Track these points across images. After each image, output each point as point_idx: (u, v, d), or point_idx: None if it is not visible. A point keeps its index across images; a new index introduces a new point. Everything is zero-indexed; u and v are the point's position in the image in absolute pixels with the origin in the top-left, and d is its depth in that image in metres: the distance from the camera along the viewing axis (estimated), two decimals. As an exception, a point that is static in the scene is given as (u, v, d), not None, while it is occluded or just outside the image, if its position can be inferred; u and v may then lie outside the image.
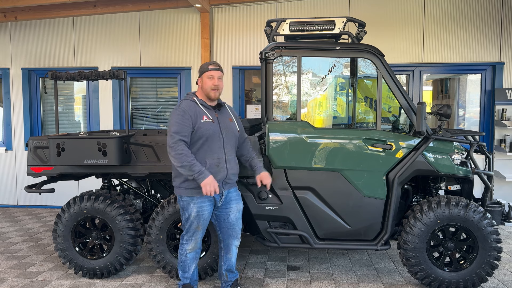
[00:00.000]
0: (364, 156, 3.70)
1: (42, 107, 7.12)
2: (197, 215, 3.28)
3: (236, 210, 3.43)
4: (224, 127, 3.34)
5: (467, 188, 3.97)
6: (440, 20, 6.27)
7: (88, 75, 3.89)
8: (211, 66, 3.30)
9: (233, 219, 3.42)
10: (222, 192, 3.34)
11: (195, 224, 3.31)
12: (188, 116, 3.19)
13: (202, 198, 3.25)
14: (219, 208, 3.40)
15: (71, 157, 3.75)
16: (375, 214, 3.77)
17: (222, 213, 3.41)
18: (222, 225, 3.45)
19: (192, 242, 3.38)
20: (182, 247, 3.41)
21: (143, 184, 4.59)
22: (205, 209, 3.29)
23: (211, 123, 3.26)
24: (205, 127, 3.22)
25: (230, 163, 3.33)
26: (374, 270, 4.27)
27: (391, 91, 3.72)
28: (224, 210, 3.40)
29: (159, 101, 6.97)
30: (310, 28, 3.71)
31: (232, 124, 3.43)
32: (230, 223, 3.42)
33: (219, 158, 3.27)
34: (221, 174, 3.27)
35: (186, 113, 3.19)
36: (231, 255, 3.52)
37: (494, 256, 3.58)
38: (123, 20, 6.78)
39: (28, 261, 4.55)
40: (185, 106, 3.25)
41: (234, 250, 3.52)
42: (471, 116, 6.58)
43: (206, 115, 3.26)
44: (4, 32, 6.99)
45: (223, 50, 6.63)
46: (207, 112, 3.29)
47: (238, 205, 3.45)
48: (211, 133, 3.23)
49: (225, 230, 3.46)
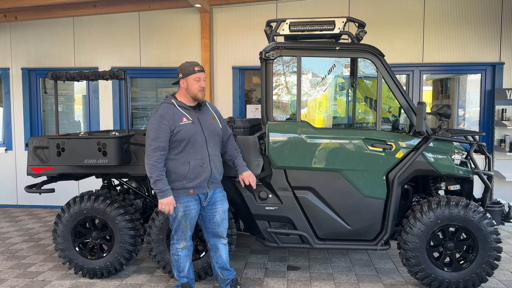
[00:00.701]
0: (364, 156, 3.70)
1: (42, 107, 7.12)
2: (184, 215, 3.29)
3: (222, 211, 3.45)
4: (205, 126, 3.33)
5: (467, 188, 3.97)
6: (440, 20, 6.27)
7: (88, 75, 3.89)
8: (196, 68, 3.27)
9: (219, 220, 3.44)
10: (208, 192, 3.35)
11: (183, 223, 3.33)
12: (165, 122, 3.18)
13: (188, 197, 3.27)
14: (204, 209, 3.41)
15: (71, 157, 3.74)
16: (375, 214, 3.77)
17: (208, 214, 3.42)
18: (207, 225, 3.46)
19: (183, 241, 3.40)
20: (174, 247, 3.43)
21: (143, 184, 4.59)
22: (191, 208, 3.30)
23: (191, 124, 3.25)
24: (185, 129, 3.21)
25: (214, 162, 3.33)
26: (374, 270, 4.27)
27: (391, 91, 3.72)
28: (210, 211, 3.41)
29: (159, 101, 6.96)
30: (310, 28, 3.71)
31: (214, 122, 3.42)
32: (216, 223, 3.44)
33: (203, 158, 3.27)
34: (206, 174, 3.28)
35: (163, 118, 3.19)
36: (221, 253, 3.51)
37: (494, 256, 3.58)
38: (123, 20, 6.78)
39: (28, 261, 4.55)
40: (162, 111, 3.23)
41: (222, 248, 3.52)
42: (471, 116, 6.58)
43: (185, 117, 3.25)
44: (4, 32, 6.99)
45: (223, 50, 6.63)
46: (186, 113, 3.28)
47: (223, 206, 3.46)
48: (192, 134, 3.23)
49: (210, 230, 3.47)
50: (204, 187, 3.31)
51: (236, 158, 3.56)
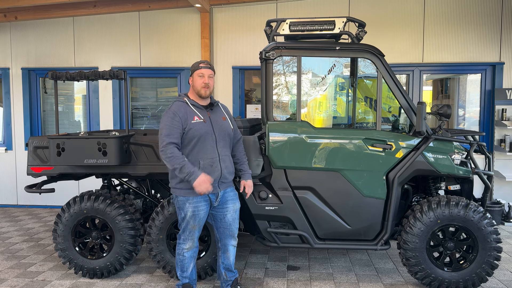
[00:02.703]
0: (364, 156, 3.70)
1: (42, 107, 7.12)
2: (192, 215, 3.29)
3: (233, 210, 3.43)
4: (217, 126, 3.34)
5: (467, 188, 3.98)
6: (440, 20, 6.27)
7: (88, 75, 3.89)
8: (201, 65, 3.31)
9: (230, 219, 3.43)
10: (218, 192, 3.34)
11: (191, 223, 3.32)
12: (178, 118, 3.20)
13: (198, 198, 3.27)
14: (215, 208, 3.40)
15: (71, 157, 3.75)
16: (375, 214, 3.77)
17: (219, 213, 3.42)
18: (218, 225, 3.46)
19: (189, 241, 3.39)
20: (179, 247, 3.42)
21: (143, 184, 4.60)
22: (200, 209, 3.30)
23: (203, 123, 3.26)
24: (196, 127, 3.22)
25: (224, 162, 3.33)
26: (374, 270, 4.27)
27: (391, 91, 3.72)
28: (221, 210, 3.40)
29: (159, 101, 6.97)
30: (310, 28, 3.71)
31: (226, 123, 3.42)
32: (227, 223, 3.43)
33: (213, 158, 3.27)
34: (216, 173, 3.27)
35: (176, 115, 3.21)
36: (229, 254, 3.52)
37: (494, 256, 3.58)
38: (123, 20, 6.78)
39: (28, 261, 4.55)
40: (175, 108, 3.26)
41: (231, 250, 3.52)
42: (471, 116, 6.58)
43: (197, 116, 3.27)
44: (4, 32, 6.99)
45: (223, 50, 6.63)
46: (198, 112, 3.29)
47: (235, 205, 3.45)
48: (202, 133, 3.24)
49: (221, 230, 3.46)
50: (215, 187, 3.29)
51: (243, 164, 3.55)
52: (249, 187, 3.49)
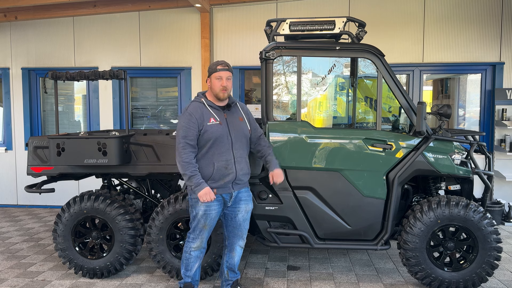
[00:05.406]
0: (364, 156, 3.70)
1: (42, 107, 7.12)
2: (204, 214, 3.28)
3: (245, 211, 3.43)
4: (233, 128, 3.32)
5: (467, 188, 3.97)
6: (440, 20, 6.27)
7: (88, 75, 3.89)
8: (219, 67, 3.27)
9: (240, 219, 3.42)
10: (232, 192, 3.34)
11: (201, 222, 3.32)
12: (194, 120, 3.20)
13: None
14: (228, 207, 3.41)
15: (71, 157, 3.75)
16: (375, 214, 3.77)
17: (230, 212, 3.42)
18: (228, 223, 3.46)
19: (198, 240, 3.38)
20: (187, 245, 3.42)
21: (143, 184, 4.60)
22: (212, 209, 3.29)
23: (219, 125, 3.25)
24: (211, 129, 3.21)
25: (239, 164, 3.31)
26: (374, 270, 4.27)
27: (391, 91, 3.72)
28: (233, 210, 3.41)
29: (159, 101, 6.97)
30: (310, 28, 3.71)
31: (242, 123, 3.40)
32: (237, 222, 3.43)
33: (228, 160, 3.25)
34: (230, 176, 3.26)
35: (192, 116, 3.21)
36: (234, 254, 3.52)
37: (494, 256, 3.58)
38: (123, 20, 6.78)
39: (28, 261, 4.55)
40: (192, 109, 3.25)
41: (238, 250, 3.52)
42: (471, 116, 6.58)
43: (213, 117, 3.25)
44: (4, 32, 6.99)
45: (223, 50, 6.63)
46: (214, 113, 3.27)
47: (247, 206, 3.44)
48: (218, 135, 3.22)
49: (230, 228, 3.46)
50: (228, 188, 3.30)
51: (269, 155, 3.50)
52: (277, 176, 3.44)
